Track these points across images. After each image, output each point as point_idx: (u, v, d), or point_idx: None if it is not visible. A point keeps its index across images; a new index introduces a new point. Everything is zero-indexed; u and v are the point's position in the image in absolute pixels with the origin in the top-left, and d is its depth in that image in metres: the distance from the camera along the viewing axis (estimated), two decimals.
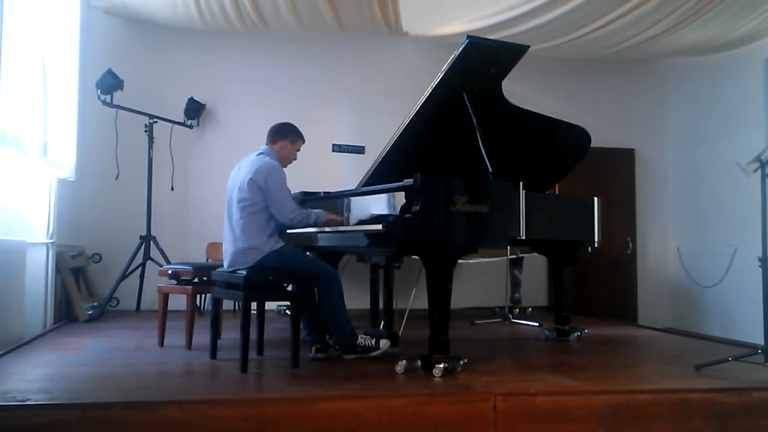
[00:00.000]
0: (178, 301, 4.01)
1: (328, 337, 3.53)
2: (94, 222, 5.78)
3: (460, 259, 3.29)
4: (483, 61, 3.65)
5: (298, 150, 3.62)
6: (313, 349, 3.50)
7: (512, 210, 3.43)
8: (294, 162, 3.64)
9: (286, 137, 3.54)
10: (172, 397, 2.57)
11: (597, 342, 4.40)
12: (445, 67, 3.59)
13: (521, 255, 5.73)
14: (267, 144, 3.53)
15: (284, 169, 3.47)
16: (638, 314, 6.91)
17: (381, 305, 3.98)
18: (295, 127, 3.61)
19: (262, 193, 3.30)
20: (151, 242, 5.51)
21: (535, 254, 5.21)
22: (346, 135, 6.41)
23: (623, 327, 5.41)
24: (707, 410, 2.73)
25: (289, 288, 3.53)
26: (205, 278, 3.83)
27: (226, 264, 3.40)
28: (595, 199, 4.22)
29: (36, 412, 2.36)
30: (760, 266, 3.25)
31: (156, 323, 3.93)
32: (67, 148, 4.97)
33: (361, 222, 3.55)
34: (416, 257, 3.24)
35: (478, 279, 6.37)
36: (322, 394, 2.65)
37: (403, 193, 3.14)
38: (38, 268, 4.55)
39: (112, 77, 5.38)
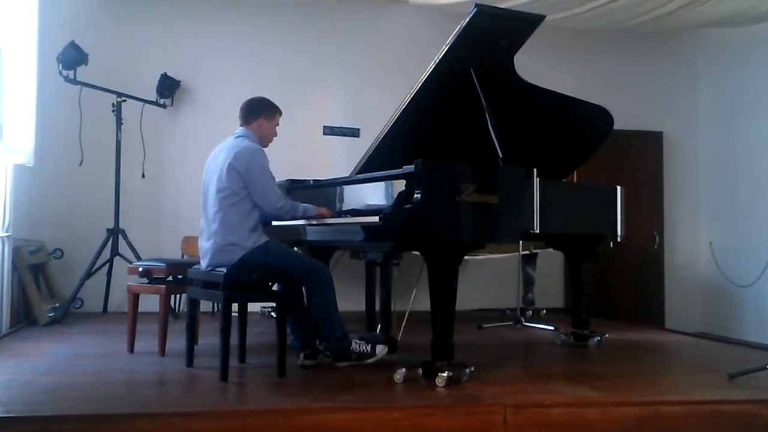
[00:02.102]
0: (150, 302, 4.01)
1: (318, 342, 3.53)
2: (55, 213, 5.75)
3: (467, 255, 3.29)
4: (493, 33, 3.64)
5: (278, 125, 3.61)
6: (302, 355, 3.50)
7: (525, 200, 3.42)
8: (280, 146, 3.63)
9: (260, 114, 3.51)
10: (143, 409, 2.56)
11: (619, 348, 4.42)
12: (450, 39, 3.58)
13: (535, 251, 5.73)
14: (242, 125, 3.52)
15: (267, 152, 3.46)
16: (665, 317, 6.94)
17: (377, 307, 3.99)
18: (267, 99, 3.58)
19: (243, 180, 3.29)
20: (120, 236, 5.51)
21: (551, 250, 5.20)
22: (339, 116, 6.39)
23: (648, 331, 5.43)
24: (741, 424, 2.74)
25: (275, 287, 3.53)
26: (180, 276, 3.83)
27: (204, 263, 3.39)
28: (618, 187, 4.22)
29: None
30: None
31: (125, 327, 3.92)
32: (25, 130, 4.94)
33: (356, 213, 3.55)
34: (417, 253, 3.24)
35: (487, 277, 6.37)
36: (311, 405, 2.65)
37: (402, 181, 3.14)
38: None
39: (75, 50, 5.35)
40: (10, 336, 4.45)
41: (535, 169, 3.51)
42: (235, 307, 3.27)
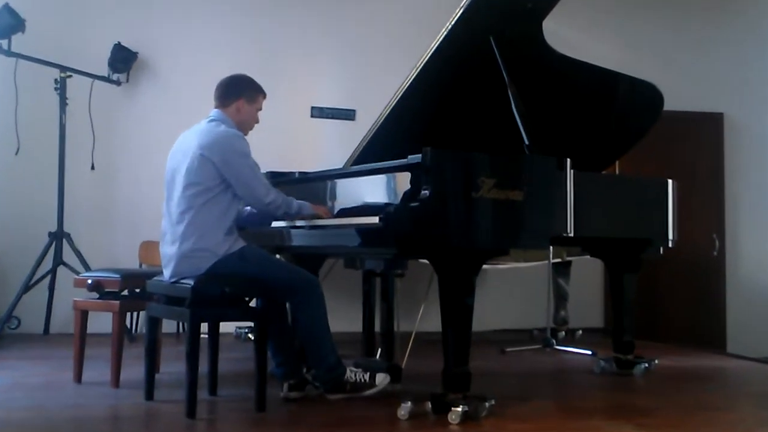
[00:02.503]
0: (101, 322, 4.01)
1: (305, 370, 3.53)
2: None
3: (486, 263, 3.29)
4: None
5: (260, 109, 3.60)
6: (285, 386, 3.49)
7: (556, 197, 3.43)
8: (258, 132, 3.62)
9: (240, 95, 3.51)
10: None
11: (671, 376, 4.42)
12: (464, 1, 3.58)
13: (568, 258, 5.74)
14: (217, 107, 3.52)
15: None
16: (727, 339, 6.95)
17: (377, 327, 3.98)
18: (250, 78, 3.58)
19: (218, 173, 3.28)
20: (64, 241, 5.50)
21: (587, 257, 5.21)
22: (331, 95, 6.40)
23: (706, 356, 5.43)
24: None
25: (253, 303, 3.53)
26: (137, 290, 3.82)
27: (167, 273, 3.40)
28: (670, 181, 4.23)
29: None
30: None
31: (71, 351, 3.90)
32: None
33: (351, 213, 3.55)
34: (425, 262, 3.24)
35: (510, 291, 6.37)
36: None
37: (407, 174, 3.14)
38: None
39: (10, 15, 5.34)
40: None
41: (568, 159, 3.49)
42: (204, 327, 3.26)
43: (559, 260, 5.69)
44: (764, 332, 6.96)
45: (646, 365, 4.38)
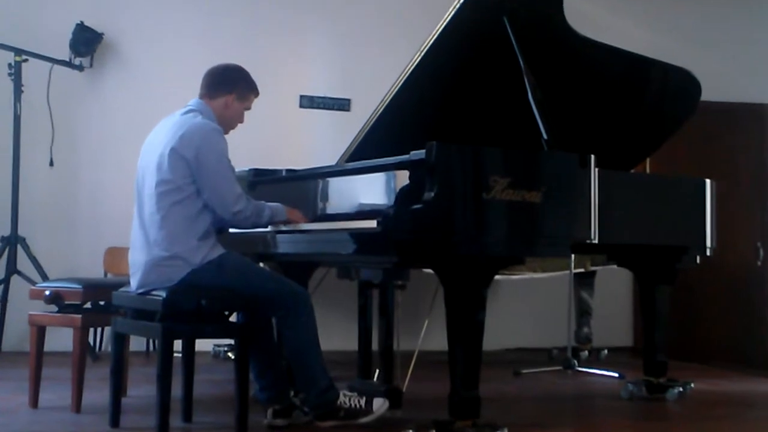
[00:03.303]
0: (61, 339, 4.01)
1: (292, 393, 3.53)
2: None
3: (498, 273, 3.29)
4: None
5: (248, 109, 3.61)
6: (270, 412, 3.48)
7: (578, 198, 3.42)
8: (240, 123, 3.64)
9: (232, 90, 3.51)
10: None
11: (709, 402, 4.41)
12: None
13: (592, 268, 5.75)
14: (201, 97, 3.52)
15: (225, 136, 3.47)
16: None
17: (375, 345, 3.97)
18: (246, 73, 3.58)
19: (191, 171, 3.29)
20: (19, 246, 5.49)
21: (614, 267, 5.21)
22: (322, 83, 6.42)
23: (750, 379, 5.43)
24: None
25: (233, 318, 3.53)
26: (102, 302, 3.82)
27: (134, 283, 3.40)
28: (707, 181, 4.22)
29: None
30: None
31: (26, 373, 3.87)
32: None
33: (345, 216, 3.54)
34: (430, 271, 3.25)
35: (526, 305, 6.38)
36: None
37: (408, 173, 3.13)
38: None
39: None
40: None
41: (592, 156, 3.49)
42: (178, 344, 3.26)
43: (581, 270, 5.69)
44: None
45: (681, 389, 4.35)
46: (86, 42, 5.96)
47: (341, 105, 6.32)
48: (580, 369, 5.35)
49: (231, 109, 3.52)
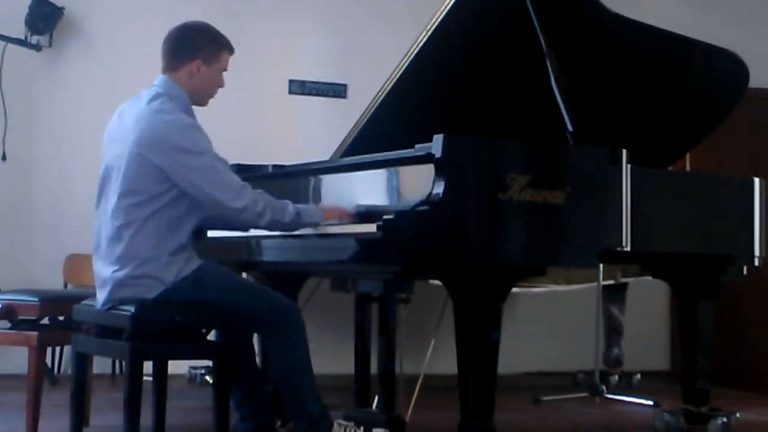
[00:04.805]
0: (14, 359, 4.00)
1: (279, 423, 3.54)
2: None
3: (515, 286, 3.28)
4: None
5: (224, 70, 3.49)
6: None
7: (608, 200, 3.42)
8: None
9: (194, 54, 3.38)
10: None
11: None
12: None
13: (623, 280, 5.73)
14: (164, 72, 3.42)
15: (200, 113, 3.35)
16: None
17: (374, 368, 3.97)
18: (209, 28, 3.45)
19: (164, 176, 3.23)
20: None
21: (649, 279, 5.20)
22: (315, 66, 6.44)
23: None
24: None
25: (211, 336, 3.51)
26: (61, 318, 3.83)
27: (101, 298, 3.38)
28: (756, 180, 4.19)
29: None
30: None
31: None
32: None
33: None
34: (437, 283, 3.24)
35: (548, 322, 6.38)
36: None
37: (414, 169, 3.17)
38: None
39: None
40: None
41: (624, 151, 3.48)
42: (148, 366, 3.26)
43: (611, 282, 5.69)
44: None
45: (725, 420, 4.28)
46: (44, 18, 5.95)
47: (336, 91, 6.34)
48: (610, 396, 5.32)
49: (198, 76, 3.38)
